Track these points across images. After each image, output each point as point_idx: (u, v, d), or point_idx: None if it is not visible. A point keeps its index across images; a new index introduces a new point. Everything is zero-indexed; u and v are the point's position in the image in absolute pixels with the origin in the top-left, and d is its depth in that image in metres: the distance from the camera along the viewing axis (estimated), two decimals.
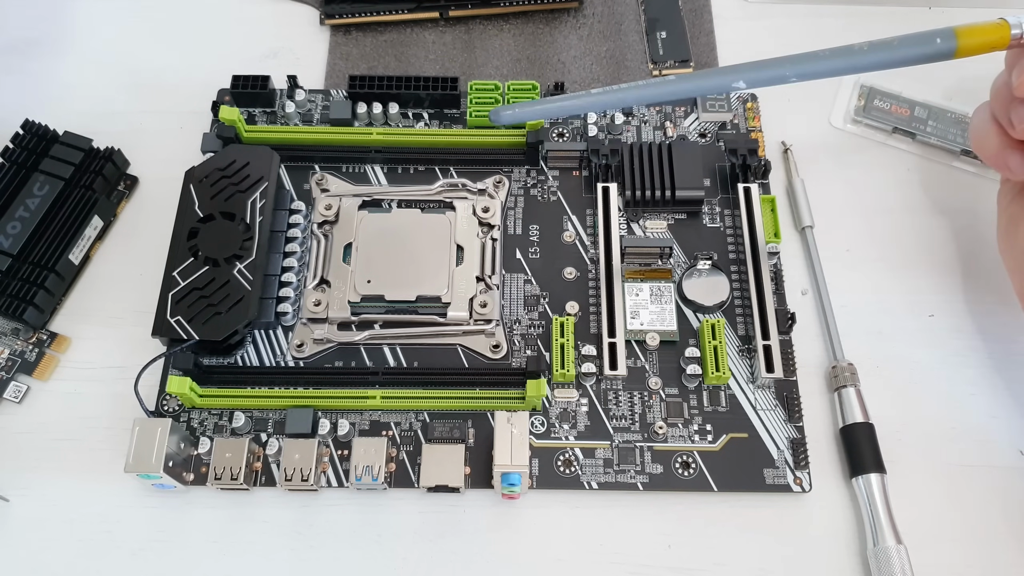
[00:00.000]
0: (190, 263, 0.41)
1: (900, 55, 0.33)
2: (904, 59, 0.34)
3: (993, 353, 0.42)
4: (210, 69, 0.49)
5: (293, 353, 0.42)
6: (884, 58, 0.34)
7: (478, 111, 0.47)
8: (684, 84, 0.36)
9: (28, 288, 0.41)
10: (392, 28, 0.53)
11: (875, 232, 0.46)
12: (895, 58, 0.33)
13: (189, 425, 0.40)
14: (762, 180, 0.46)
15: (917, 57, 0.34)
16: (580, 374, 0.41)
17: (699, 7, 0.53)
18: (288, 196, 0.45)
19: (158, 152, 0.48)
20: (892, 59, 0.34)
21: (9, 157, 0.44)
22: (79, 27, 0.53)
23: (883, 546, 0.36)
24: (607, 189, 0.45)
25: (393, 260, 0.43)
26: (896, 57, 0.33)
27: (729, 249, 0.45)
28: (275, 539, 0.38)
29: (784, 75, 0.35)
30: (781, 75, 0.35)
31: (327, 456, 0.39)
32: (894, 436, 0.40)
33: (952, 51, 0.33)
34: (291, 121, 0.48)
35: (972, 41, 0.33)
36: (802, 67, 0.34)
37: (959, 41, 0.33)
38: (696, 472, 0.39)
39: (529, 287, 0.44)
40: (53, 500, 0.39)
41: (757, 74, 0.35)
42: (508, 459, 0.37)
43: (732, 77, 0.35)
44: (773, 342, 0.41)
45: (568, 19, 0.53)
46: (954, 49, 0.33)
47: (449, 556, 0.38)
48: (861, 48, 0.34)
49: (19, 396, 0.41)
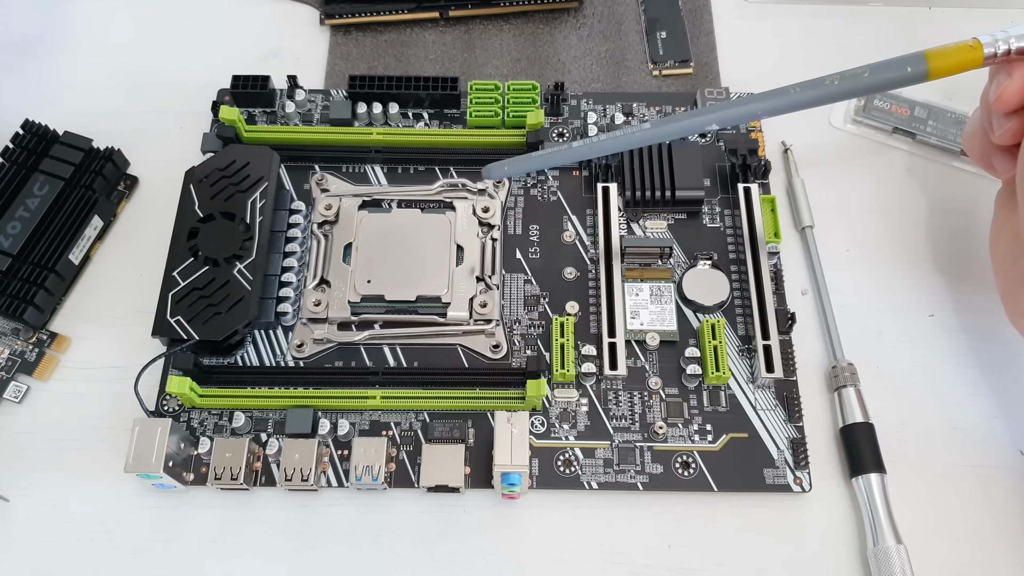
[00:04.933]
0: (190, 263, 0.41)
1: (871, 84, 0.34)
2: (875, 87, 0.34)
3: (993, 353, 0.42)
4: (210, 69, 0.49)
5: (293, 353, 0.42)
6: (855, 88, 0.34)
7: (478, 111, 0.47)
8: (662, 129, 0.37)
9: (28, 288, 0.41)
10: (392, 28, 0.53)
11: (875, 232, 0.46)
12: (866, 88, 0.34)
13: (189, 425, 0.40)
14: (762, 180, 0.46)
15: (888, 84, 0.34)
16: (580, 374, 0.41)
17: (699, 7, 0.53)
18: (288, 196, 0.45)
19: (158, 152, 0.48)
20: (863, 89, 0.34)
21: (9, 157, 0.44)
22: (79, 27, 0.53)
23: (883, 546, 0.36)
24: (607, 189, 0.45)
25: (393, 260, 0.43)
26: (867, 87, 0.34)
27: (729, 249, 0.45)
28: (275, 539, 0.38)
29: (755, 112, 0.35)
30: (752, 112, 0.35)
31: (327, 456, 0.39)
32: (894, 436, 0.40)
33: (923, 75, 0.33)
34: (291, 121, 0.48)
35: (943, 64, 0.33)
36: (773, 103, 0.35)
37: (929, 65, 0.33)
38: (696, 472, 0.39)
39: (529, 287, 0.44)
40: (53, 500, 0.39)
41: (728, 113, 0.36)
42: (508, 459, 0.37)
43: (705, 119, 0.36)
44: (773, 342, 0.41)
45: (568, 19, 0.53)
46: (925, 73, 0.33)
47: (449, 556, 0.38)
48: (831, 81, 0.34)
49: (19, 396, 0.41)
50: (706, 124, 0.36)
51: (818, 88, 0.34)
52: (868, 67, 0.34)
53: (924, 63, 0.33)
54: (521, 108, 0.46)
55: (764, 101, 0.35)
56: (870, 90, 0.34)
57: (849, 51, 0.50)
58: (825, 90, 0.34)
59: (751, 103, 0.35)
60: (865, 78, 0.34)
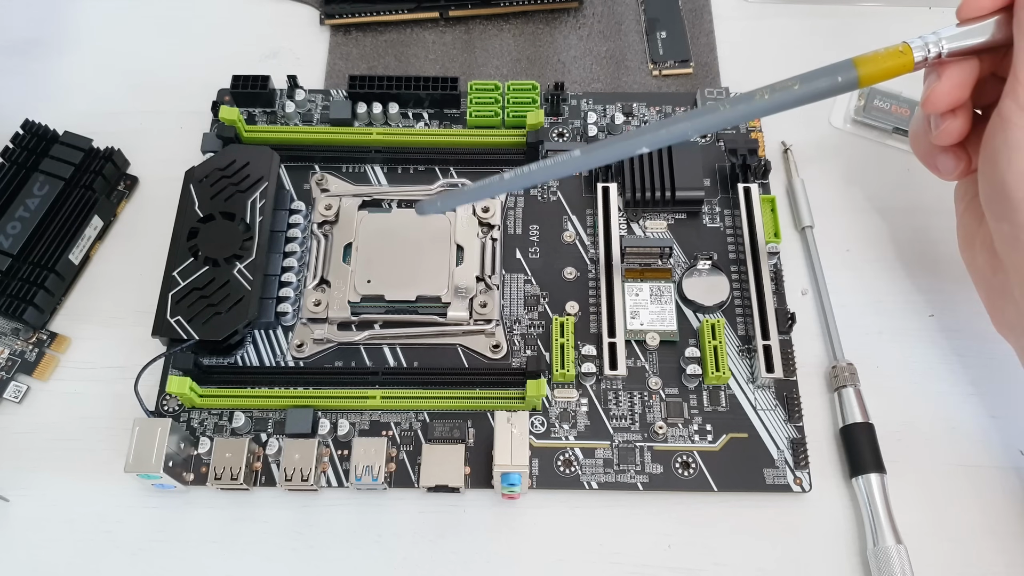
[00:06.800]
0: (190, 263, 0.41)
1: (802, 95, 0.33)
2: (807, 98, 0.33)
3: (993, 353, 0.42)
4: (210, 69, 0.49)
5: (293, 353, 0.42)
6: (785, 100, 0.33)
7: (478, 111, 0.47)
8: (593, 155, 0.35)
9: (28, 288, 0.41)
10: (392, 28, 0.53)
11: (875, 232, 0.46)
12: (797, 98, 0.33)
13: (189, 425, 0.40)
14: (762, 180, 0.46)
15: (820, 94, 0.33)
16: (580, 374, 0.41)
17: (699, 7, 0.53)
18: (288, 196, 0.45)
19: (158, 152, 0.48)
20: (794, 100, 0.33)
21: (9, 157, 0.44)
22: (79, 27, 0.53)
23: (883, 546, 0.36)
24: (607, 189, 0.45)
25: (393, 260, 0.43)
26: (798, 97, 0.33)
27: (729, 249, 0.45)
28: (275, 539, 0.38)
29: (684, 131, 0.34)
30: (682, 132, 0.34)
31: (327, 456, 0.39)
32: (894, 436, 0.40)
33: (854, 82, 0.33)
34: (291, 121, 0.48)
35: (873, 70, 0.33)
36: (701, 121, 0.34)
37: (859, 71, 0.32)
38: (696, 472, 0.39)
39: (529, 287, 0.44)
40: (53, 500, 0.39)
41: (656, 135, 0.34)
42: (508, 459, 0.37)
43: (635, 142, 0.34)
44: (773, 342, 0.41)
45: (568, 19, 0.53)
46: (855, 80, 0.33)
47: (449, 556, 0.38)
48: (761, 96, 0.33)
49: (19, 396, 0.41)
50: (636, 148, 0.35)
51: (747, 103, 0.33)
52: (798, 78, 0.33)
53: (854, 70, 0.32)
54: (521, 108, 0.46)
55: (692, 120, 0.34)
56: (801, 101, 0.33)
57: (849, 51, 0.50)
58: (754, 105, 0.33)
59: (680, 122, 0.34)
60: (795, 90, 0.33)
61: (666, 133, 0.34)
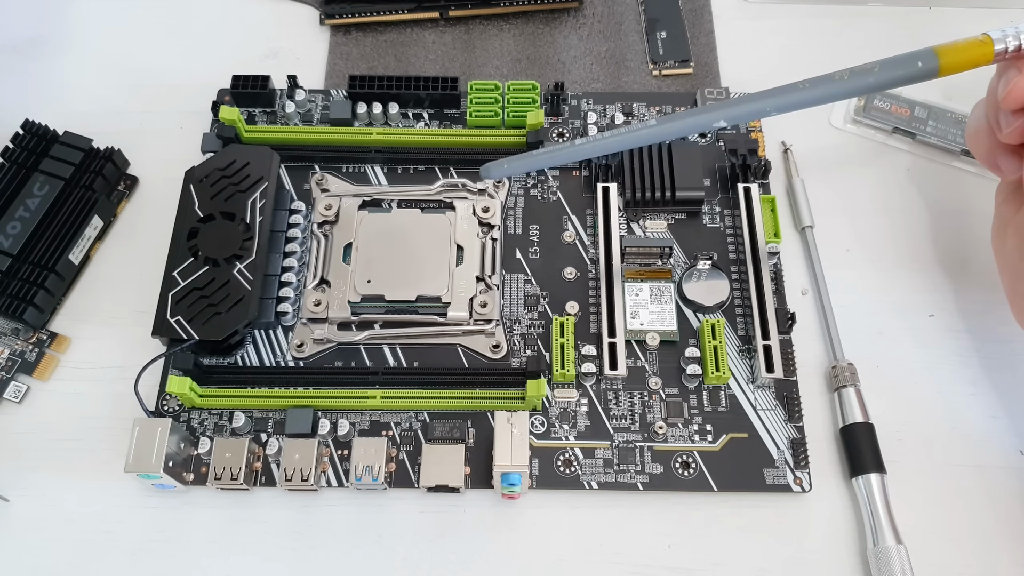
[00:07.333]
0: (190, 263, 0.41)
1: (881, 80, 0.33)
2: (886, 84, 0.33)
3: (993, 353, 0.42)
4: (210, 69, 0.49)
5: (293, 353, 0.42)
6: (865, 84, 0.33)
7: (478, 111, 0.47)
8: (668, 126, 0.36)
9: (28, 288, 0.41)
10: (392, 28, 0.53)
11: (875, 232, 0.46)
12: (876, 84, 0.33)
13: (189, 425, 0.40)
14: (762, 180, 0.46)
15: (898, 81, 0.33)
16: (580, 374, 0.41)
17: (699, 7, 0.53)
18: (288, 196, 0.45)
19: (158, 152, 0.48)
20: (873, 85, 0.33)
21: (9, 157, 0.44)
22: (79, 27, 0.53)
23: (883, 546, 0.36)
24: (607, 189, 0.45)
25: (393, 260, 0.43)
26: (877, 83, 0.33)
27: (729, 249, 0.45)
28: (275, 539, 0.38)
29: (764, 109, 0.34)
30: (761, 110, 0.34)
31: (327, 456, 0.39)
32: (894, 436, 0.40)
33: (934, 71, 0.33)
34: (291, 121, 0.48)
35: (954, 60, 0.33)
36: (782, 99, 0.34)
37: (940, 60, 0.33)
38: (696, 472, 0.39)
39: (529, 287, 0.44)
40: (53, 500, 0.39)
41: (737, 110, 0.35)
42: (508, 459, 0.37)
43: (713, 116, 0.35)
44: (773, 342, 0.41)
45: (568, 19, 0.53)
46: (936, 69, 0.33)
47: (449, 556, 0.38)
48: (841, 77, 0.33)
49: (19, 396, 0.41)
50: (714, 121, 0.35)
51: (828, 84, 0.33)
52: (879, 63, 0.33)
53: (935, 59, 0.33)
54: (521, 108, 0.46)
55: (773, 98, 0.34)
56: (880, 87, 0.33)
57: (849, 51, 0.50)
58: (835, 86, 0.33)
59: (760, 100, 0.35)
60: (875, 73, 0.33)
61: (745, 109, 0.34)
